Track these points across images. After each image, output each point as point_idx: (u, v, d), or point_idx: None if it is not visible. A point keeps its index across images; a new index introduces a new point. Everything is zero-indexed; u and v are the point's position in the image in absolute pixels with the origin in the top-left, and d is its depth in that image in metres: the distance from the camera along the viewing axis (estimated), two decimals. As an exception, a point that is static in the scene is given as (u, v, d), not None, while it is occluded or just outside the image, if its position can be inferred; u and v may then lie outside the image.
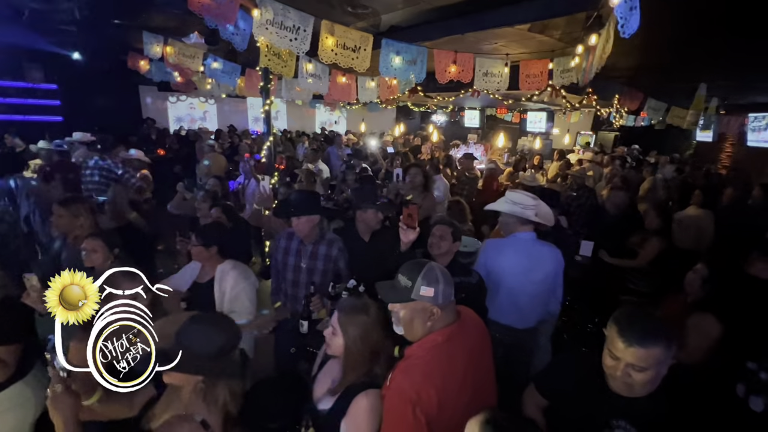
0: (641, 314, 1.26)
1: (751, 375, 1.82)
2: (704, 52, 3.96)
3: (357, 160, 5.53)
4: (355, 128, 12.32)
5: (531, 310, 2.32)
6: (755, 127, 7.28)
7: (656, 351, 1.16)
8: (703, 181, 5.87)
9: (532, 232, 2.31)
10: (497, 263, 2.29)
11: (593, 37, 2.34)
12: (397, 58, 3.31)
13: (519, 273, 2.25)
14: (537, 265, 2.26)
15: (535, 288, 2.27)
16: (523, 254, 2.27)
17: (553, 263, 2.30)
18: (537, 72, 3.95)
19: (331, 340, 1.39)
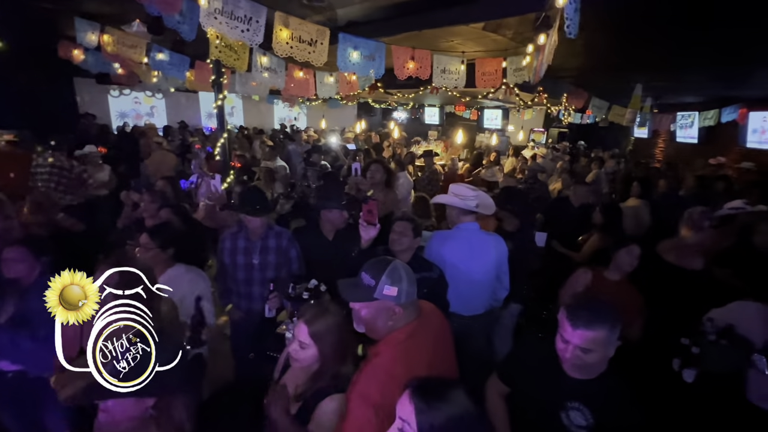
0: (588, 299, 1.34)
1: (685, 350, 2.00)
2: (639, 56, 4.29)
3: (317, 156, 5.40)
4: (315, 125, 12.09)
5: (475, 298, 2.41)
6: (682, 125, 8.04)
7: (601, 333, 1.23)
8: (641, 173, 6.39)
9: (475, 222, 2.39)
10: (441, 253, 2.35)
11: (542, 37, 2.45)
12: (355, 53, 3.26)
13: (461, 262, 2.32)
14: (479, 254, 2.35)
15: (478, 277, 2.35)
16: (465, 244, 2.35)
17: (496, 252, 2.39)
18: (492, 70, 4.09)
19: (299, 354, 1.33)
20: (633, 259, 2.31)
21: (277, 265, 2.33)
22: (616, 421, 1.26)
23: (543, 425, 1.42)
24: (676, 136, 8.58)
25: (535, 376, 1.44)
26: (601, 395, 1.30)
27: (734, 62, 4.44)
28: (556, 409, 1.36)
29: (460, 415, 0.93)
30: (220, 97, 4.06)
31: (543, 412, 1.40)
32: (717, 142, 7.74)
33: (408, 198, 4.86)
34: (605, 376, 1.32)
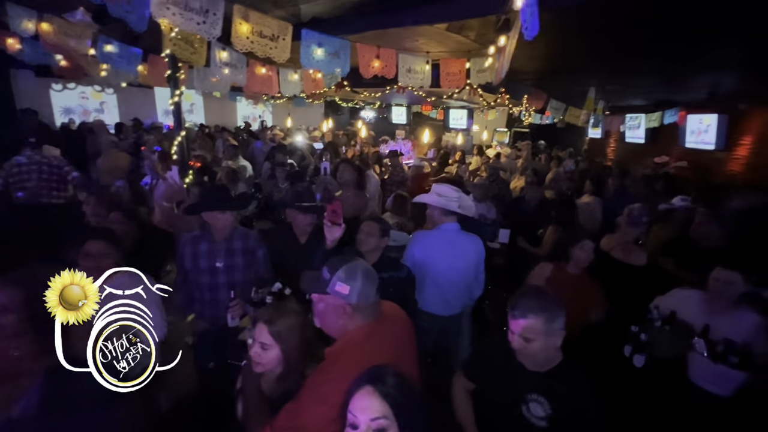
0: (530, 291, 1.39)
1: (634, 337, 2.13)
2: (592, 61, 4.54)
3: (282, 156, 5.26)
4: (281, 123, 11.80)
5: (455, 298, 2.44)
6: (631, 126, 8.62)
7: (537, 321, 1.30)
8: (594, 172, 6.78)
9: (456, 222, 2.42)
10: (424, 254, 2.36)
11: (502, 39, 2.52)
12: (319, 50, 3.20)
13: (444, 263, 2.34)
14: (460, 255, 2.38)
15: (458, 276, 2.39)
16: (447, 244, 2.37)
17: (475, 252, 2.43)
18: (456, 71, 4.16)
19: (261, 357, 1.28)
20: (586, 254, 2.42)
21: (245, 267, 2.24)
22: (572, 410, 1.31)
23: (506, 418, 1.46)
24: (625, 137, 9.18)
25: (497, 371, 1.48)
26: (557, 386, 1.36)
27: (674, 69, 4.80)
28: (518, 402, 1.40)
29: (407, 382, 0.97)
30: (177, 94, 3.84)
31: (505, 405, 1.44)
32: (661, 142, 8.37)
33: (375, 198, 4.86)
34: (561, 366, 1.38)
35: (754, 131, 6.42)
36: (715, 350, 1.91)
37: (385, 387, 0.94)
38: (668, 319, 2.16)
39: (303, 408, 1.16)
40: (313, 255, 2.26)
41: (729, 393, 1.88)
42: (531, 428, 1.38)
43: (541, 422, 1.36)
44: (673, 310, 2.19)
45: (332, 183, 3.30)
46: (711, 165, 7.14)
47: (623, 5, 2.44)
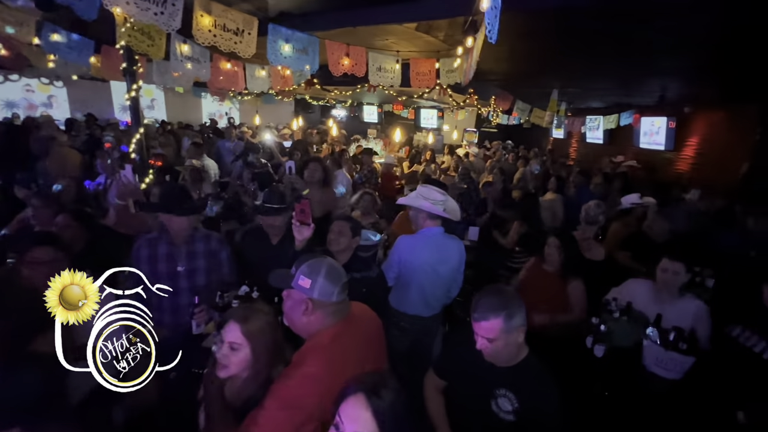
0: (488, 292, 1.40)
1: (595, 328, 2.24)
2: (554, 64, 4.73)
3: (254, 155, 5.10)
4: (249, 121, 11.46)
5: (436, 300, 2.45)
6: (590, 127, 9.08)
7: (496, 322, 1.32)
8: (559, 171, 7.08)
9: (440, 226, 2.40)
10: (410, 259, 2.35)
11: (469, 40, 2.56)
12: (286, 46, 3.13)
13: (429, 267, 2.33)
14: (444, 258, 2.38)
15: (441, 279, 2.39)
16: (432, 249, 2.36)
17: (458, 255, 2.44)
18: (426, 70, 4.20)
19: (228, 360, 1.23)
20: (555, 250, 2.51)
21: (208, 270, 2.14)
22: (537, 403, 1.36)
23: (476, 414, 1.48)
24: (586, 137, 9.66)
25: (466, 368, 1.51)
26: (523, 380, 1.40)
27: (629, 74, 5.10)
28: (487, 397, 1.43)
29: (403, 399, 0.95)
30: (135, 88, 3.64)
31: (475, 401, 1.47)
32: (618, 143, 8.87)
33: (347, 197, 4.82)
34: (526, 361, 1.43)
35: (698, 133, 6.94)
36: (666, 338, 2.04)
37: (380, 402, 0.90)
38: (625, 310, 2.29)
39: (267, 414, 1.12)
40: (284, 257, 2.21)
41: (679, 376, 2.01)
42: (499, 423, 1.42)
43: (508, 416, 1.39)
44: (629, 301, 2.33)
45: (298, 182, 3.23)
46: (661, 164, 7.66)
47: (580, 13, 2.54)
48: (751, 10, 2.34)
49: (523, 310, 1.39)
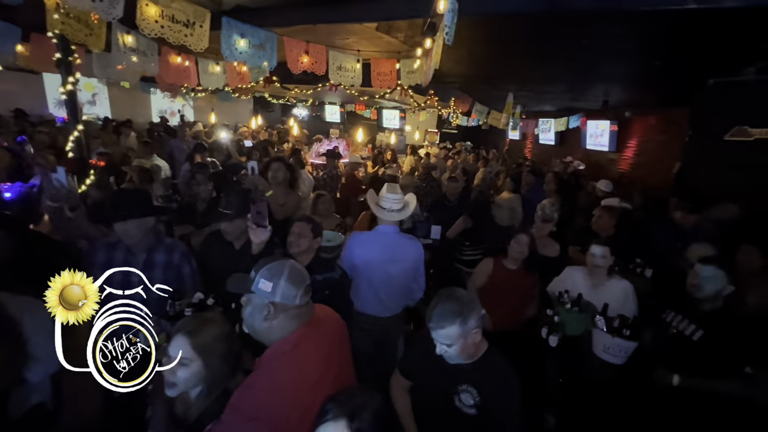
0: (441, 299, 1.42)
1: (549, 320, 2.35)
2: (508, 68, 4.94)
3: (205, 154, 4.85)
4: (204, 119, 10.91)
5: (393, 300, 2.42)
6: (543, 129, 9.61)
7: (452, 329, 1.35)
8: (513, 171, 7.41)
9: (395, 225, 2.39)
10: (361, 256, 2.32)
11: (428, 41, 2.60)
12: (242, 41, 3.00)
13: (380, 265, 2.31)
14: (398, 257, 2.35)
15: (395, 279, 2.36)
16: (385, 247, 2.34)
17: (413, 255, 2.40)
18: (387, 71, 4.21)
19: (176, 377, 1.14)
20: (522, 247, 2.62)
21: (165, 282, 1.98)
22: (497, 395, 1.40)
23: (440, 410, 1.51)
24: (539, 139, 10.20)
25: (430, 366, 1.53)
26: (484, 374, 1.44)
27: (575, 79, 5.44)
28: (450, 393, 1.46)
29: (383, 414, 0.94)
30: (71, 81, 3.32)
31: (439, 398, 1.49)
32: (568, 144, 9.45)
33: (309, 197, 4.73)
34: (486, 355, 1.47)
35: (636, 136, 7.56)
36: (612, 325, 2.19)
37: (361, 424, 0.89)
38: (576, 301, 2.43)
39: (228, 428, 1.06)
40: (247, 261, 2.11)
41: (623, 361, 2.17)
42: (462, 417, 1.45)
43: (471, 410, 1.43)
44: (579, 293, 2.48)
45: (262, 183, 3.11)
46: (606, 164, 8.26)
47: (530, 19, 2.67)
48: (680, 27, 2.58)
49: (478, 310, 1.41)
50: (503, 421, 1.39)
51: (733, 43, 2.83)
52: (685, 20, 2.45)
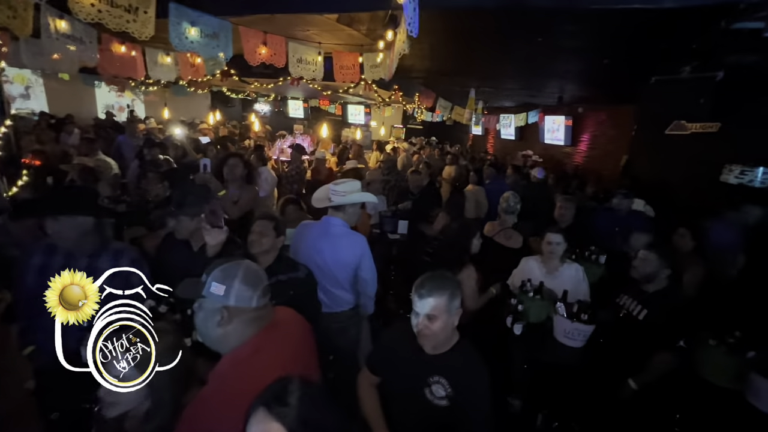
0: (434, 274, 1.46)
1: (514, 308, 2.42)
2: (469, 63, 5.03)
3: (155, 150, 4.53)
4: (156, 115, 10.25)
5: (327, 295, 2.29)
6: (504, 124, 9.92)
7: (442, 299, 1.37)
8: (477, 165, 7.60)
9: (338, 218, 2.30)
10: (303, 246, 2.26)
11: (389, 34, 2.57)
12: (193, 30, 2.81)
13: (309, 258, 2.22)
14: (328, 250, 2.24)
15: (323, 272, 2.24)
16: (315, 237, 2.28)
17: (351, 251, 2.27)
18: (349, 64, 4.14)
19: (116, 396, 1.04)
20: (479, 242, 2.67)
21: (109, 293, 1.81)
22: (468, 385, 1.41)
23: (410, 404, 1.50)
24: (500, 134, 10.53)
25: (400, 360, 1.52)
26: (454, 364, 1.45)
27: (532, 76, 5.64)
28: (421, 386, 1.45)
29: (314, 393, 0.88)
30: (-7, 70, 2.97)
31: (410, 392, 1.48)
32: (527, 139, 9.83)
33: (272, 195, 4.57)
34: (457, 345, 1.48)
35: (589, 130, 8.00)
36: (571, 311, 2.29)
37: (285, 409, 0.81)
38: (538, 289, 2.52)
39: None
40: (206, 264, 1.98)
41: (581, 344, 2.28)
42: (434, 409, 1.44)
43: (442, 402, 1.43)
44: (541, 281, 2.57)
45: (213, 181, 2.93)
46: (562, 158, 8.68)
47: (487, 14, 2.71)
48: (625, 26, 2.72)
49: (461, 296, 1.45)
50: (474, 411, 1.40)
51: (672, 42, 3.03)
52: (630, 20, 2.59)
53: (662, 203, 4.53)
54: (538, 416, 2.55)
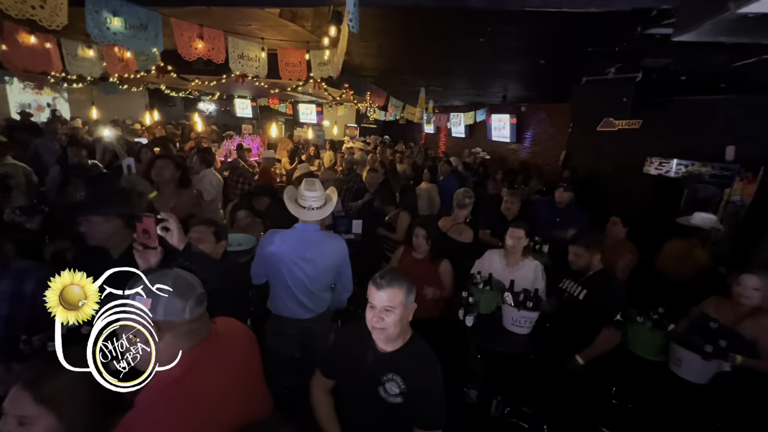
0: (392, 269, 1.52)
1: (465, 301, 2.49)
2: (419, 63, 5.10)
3: (77, 151, 4.09)
4: (83, 115, 9.29)
5: (312, 301, 2.26)
6: (454, 123, 10.24)
7: (400, 291, 1.39)
8: (429, 163, 7.77)
9: (315, 223, 2.24)
10: (273, 251, 2.16)
11: (332, 30, 2.52)
12: (115, 20, 2.56)
13: (291, 262, 2.16)
14: (311, 255, 2.19)
15: (309, 279, 2.20)
16: (297, 243, 2.19)
17: (336, 253, 2.25)
18: (296, 61, 4.02)
19: None
20: (420, 240, 2.70)
21: (10, 319, 1.57)
22: (421, 381, 1.42)
23: (365, 404, 1.48)
24: (452, 132, 10.85)
25: (353, 360, 1.49)
26: (408, 360, 1.45)
27: (477, 76, 5.86)
28: (375, 385, 1.44)
29: None
30: None
31: (364, 392, 1.45)
32: (476, 136, 10.22)
33: (218, 198, 4.33)
34: (411, 341, 1.49)
35: (531, 128, 8.49)
36: (518, 299, 2.40)
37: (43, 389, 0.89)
38: (487, 281, 2.61)
39: None
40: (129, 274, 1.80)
41: (527, 332, 2.40)
42: (388, 407, 1.43)
43: (396, 399, 1.42)
44: (490, 273, 2.67)
45: (141, 183, 2.69)
46: (508, 154, 9.14)
47: (429, 12, 2.75)
48: (557, 29, 2.89)
49: (416, 291, 1.47)
50: (428, 405, 1.41)
51: (598, 45, 3.28)
52: (560, 23, 2.76)
53: (596, 194, 4.93)
54: (492, 403, 2.65)
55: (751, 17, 1.44)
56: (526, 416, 2.45)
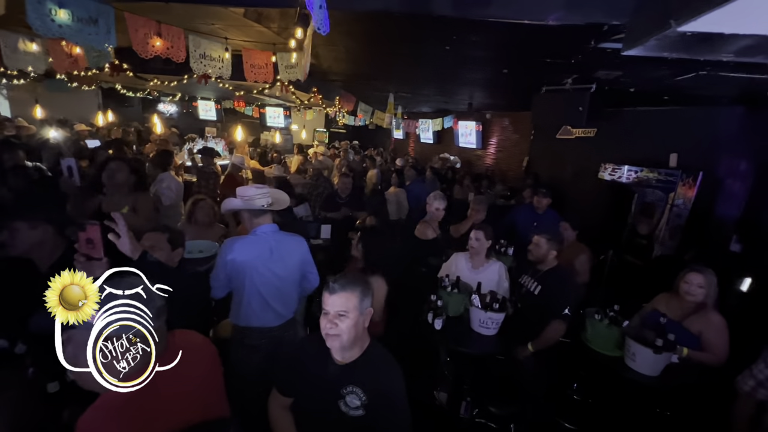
0: (347, 273, 1.48)
1: (434, 304, 2.50)
2: (387, 69, 5.14)
3: (14, 155, 3.75)
4: (26, 114, 8.56)
5: (284, 305, 2.21)
6: (423, 129, 10.41)
7: (353, 295, 1.36)
8: (397, 167, 7.83)
9: (272, 223, 2.19)
10: (238, 259, 2.06)
11: (299, 31, 2.47)
12: (61, 12, 2.38)
13: (262, 267, 2.10)
14: (280, 257, 2.15)
15: (281, 281, 2.16)
16: (263, 247, 2.12)
17: (298, 252, 2.24)
18: (261, 63, 3.93)
19: None
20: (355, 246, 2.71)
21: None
22: (383, 388, 1.38)
23: (325, 420, 1.42)
24: (420, 138, 11.02)
25: (310, 375, 1.44)
26: (367, 370, 1.40)
27: (443, 82, 5.99)
28: (335, 399, 1.38)
29: None
30: None
31: (324, 407, 1.40)
32: (444, 142, 10.44)
33: (179, 204, 4.12)
34: (369, 349, 1.45)
35: (496, 134, 8.79)
36: (484, 301, 2.45)
37: None
38: (455, 284, 2.65)
39: None
40: None
41: (494, 333, 2.45)
42: (349, 421, 1.38)
43: (357, 411, 1.37)
44: (458, 276, 2.71)
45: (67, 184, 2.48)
46: (474, 160, 9.41)
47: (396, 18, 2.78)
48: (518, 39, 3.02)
49: (372, 297, 1.43)
50: (391, 415, 1.37)
51: (556, 56, 3.46)
52: (521, 34, 2.88)
53: (556, 198, 5.16)
54: (462, 404, 2.67)
55: (689, 35, 1.57)
56: (494, 416, 2.49)
